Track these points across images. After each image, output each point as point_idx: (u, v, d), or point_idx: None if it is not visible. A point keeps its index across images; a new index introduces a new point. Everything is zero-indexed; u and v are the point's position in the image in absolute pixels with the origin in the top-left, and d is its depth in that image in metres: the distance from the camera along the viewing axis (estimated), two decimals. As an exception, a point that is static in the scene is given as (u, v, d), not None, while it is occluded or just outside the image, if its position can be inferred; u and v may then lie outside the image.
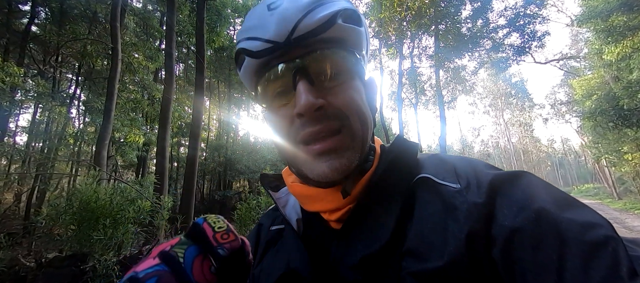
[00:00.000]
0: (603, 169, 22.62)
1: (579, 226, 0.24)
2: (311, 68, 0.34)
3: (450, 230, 0.29)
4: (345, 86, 0.36)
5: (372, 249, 0.32)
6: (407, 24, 11.70)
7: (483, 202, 0.30)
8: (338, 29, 0.34)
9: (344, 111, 0.34)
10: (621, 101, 9.28)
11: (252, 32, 0.35)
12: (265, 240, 0.45)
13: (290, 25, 0.32)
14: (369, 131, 0.38)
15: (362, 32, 0.38)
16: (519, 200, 0.28)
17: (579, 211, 0.26)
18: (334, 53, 0.35)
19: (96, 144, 6.24)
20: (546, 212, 0.26)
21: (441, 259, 0.28)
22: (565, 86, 27.98)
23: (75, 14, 10.32)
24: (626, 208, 13.29)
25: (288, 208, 0.44)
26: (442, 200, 0.32)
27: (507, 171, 0.33)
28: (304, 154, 0.35)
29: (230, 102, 19.13)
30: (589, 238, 0.23)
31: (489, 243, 0.28)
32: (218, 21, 11.87)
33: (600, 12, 9.34)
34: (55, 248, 3.67)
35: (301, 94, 0.33)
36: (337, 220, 0.37)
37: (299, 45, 0.33)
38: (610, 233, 0.24)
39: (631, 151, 13.10)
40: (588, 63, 16.78)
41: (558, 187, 0.31)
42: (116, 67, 6.37)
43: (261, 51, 0.34)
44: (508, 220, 0.27)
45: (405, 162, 0.38)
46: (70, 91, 12.00)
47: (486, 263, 0.27)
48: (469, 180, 0.33)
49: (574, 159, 51.68)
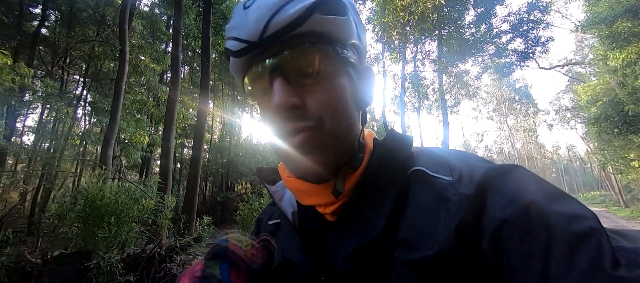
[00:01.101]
0: (609, 177, 22.28)
1: (565, 218, 0.25)
2: (286, 66, 0.33)
3: (442, 220, 0.30)
4: (323, 84, 0.34)
5: (366, 240, 0.33)
6: (410, 28, 11.76)
7: (474, 194, 0.30)
8: (315, 23, 0.32)
9: (320, 112, 0.33)
10: (626, 107, 9.19)
11: (232, 32, 0.34)
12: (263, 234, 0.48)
13: (262, 24, 0.31)
14: (352, 129, 0.37)
15: (346, 21, 0.35)
16: (510, 192, 0.29)
17: (566, 203, 0.27)
18: (311, 49, 0.33)
19: (102, 144, 6.33)
20: (535, 204, 0.27)
21: (432, 249, 0.29)
22: (570, 92, 27.77)
23: (84, 17, 10.55)
24: (633, 217, 13.05)
25: (284, 201, 0.44)
26: (434, 191, 0.33)
27: (499, 164, 0.33)
28: (287, 148, 0.35)
29: (234, 104, 19.28)
30: (574, 229, 0.24)
31: (478, 233, 0.28)
32: (224, 25, 12.02)
33: (605, 18, 9.31)
34: (60, 245, 3.71)
35: (275, 92, 0.33)
36: (332, 213, 0.37)
37: (274, 43, 0.33)
38: (595, 225, 0.25)
39: (638, 158, 12.89)
40: (593, 69, 16.66)
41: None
42: (123, 68, 6.48)
43: (239, 50, 0.34)
44: (498, 212, 0.28)
45: (398, 155, 0.39)
46: (77, 92, 12.20)
47: (475, 253, 0.28)
48: (462, 173, 0.33)
49: (579, 166, 50.98)
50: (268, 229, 0.46)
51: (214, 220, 5.48)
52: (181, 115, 11.25)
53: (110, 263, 3.00)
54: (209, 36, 8.09)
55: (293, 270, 0.37)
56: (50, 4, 10.01)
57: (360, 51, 0.40)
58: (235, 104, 19.35)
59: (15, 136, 10.48)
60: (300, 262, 0.36)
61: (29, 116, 12.43)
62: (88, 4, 10.50)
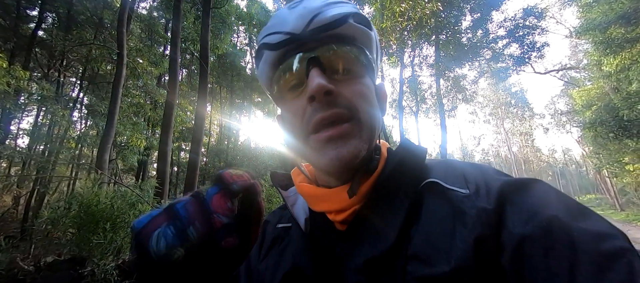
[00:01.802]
0: (605, 180, 22.50)
1: (592, 236, 0.24)
2: (324, 59, 0.36)
3: (458, 235, 0.29)
4: (355, 81, 0.37)
5: (376, 252, 0.32)
6: (408, 33, 11.87)
7: (492, 208, 0.29)
8: (350, 28, 0.37)
9: (353, 102, 0.35)
10: (621, 111, 9.31)
11: (272, 28, 0.38)
12: (271, 237, 0.46)
13: (307, 19, 0.35)
14: (377, 129, 0.38)
15: (371, 36, 0.40)
16: (530, 207, 0.28)
17: (592, 220, 0.26)
18: (346, 49, 0.37)
19: (98, 148, 6.26)
20: (558, 220, 0.25)
21: (448, 264, 0.28)
22: (565, 96, 28.12)
23: (82, 20, 10.50)
24: (629, 220, 13.16)
25: (296, 207, 0.44)
26: (450, 204, 0.32)
27: (517, 177, 0.33)
28: (313, 143, 0.35)
29: (232, 107, 19.24)
30: (603, 249, 0.23)
31: (497, 249, 0.27)
32: (222, 28, 12.08)
33: (599, 24, 9.47)
34: (54, 251, 3.64)
35: (313, 78, 0.34)
36: (342, 221, 0.37)
37: (314, 38, 0.36)
38: (626, 245, 0.23)
39: (632, 162, 13.06)
40: (587, 74, 16.92)
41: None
42: (121, 72, 6.44)
43: (280, 42, 0.37)
44: (518, 227, 0.27)
45: (412, 165, 0.38)
46: (73, 95, 12.10)
47: (494, 270, 0.27)
48: (478, 186, 0.32)
49: (575, 170, 51.44)
50: (276, 232, 0.46)
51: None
52: (179, 118, 11.19)
53: (105, 270, 2.94)
54: (207, 39, 8.07)
55: (302, 278, 0.36)
56: (47, 6, 9.96)
57: (377, 67, 0.43)
58: (233, 108, 19.31)
59: (9, 139, 10.35)
60: (309, 271, 0.35)
61: (24, 118, 12.29)
62: (86, 6, 10.46)
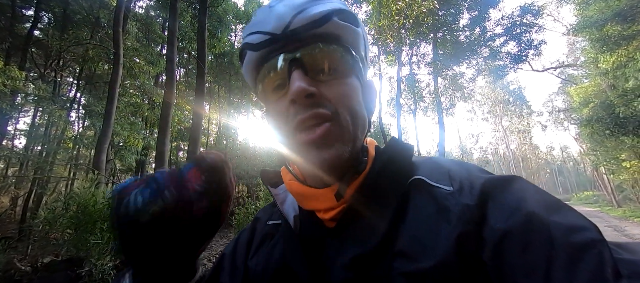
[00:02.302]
0: (602, 177, 22.63)
1: (566, 229, 0.25)
2: (305, 60, 0.35)
3: (442, 231, 0.30)
4: (339, 81, 0.36)
5: (364, 249, 0.32)
6: (406, 31, 11.87)
7: (475, 204, 0.30)
8: (334, 26, 0.35)
9: (335, 103, 0.35)
10: (617, 109, 9.36)
11: (254, 27, 0.37)
12: (261, 233, 0.46)
13: (288, 18, 0.34)
14: (361, 130, 0.38)
15: (358, 33, 0.38)
16: (511, 203, 0.29)
17: (567, 214, 0.27)
18: (329, 48, 0.36)
19: (95, 148, 6.24)
20: (536, 216, 0.27)
21: (432, 260, 0.29)
22: (562, 94, 28.23)
23: (78, 19, 10.43)
24: (626, 216, 13.25)
25: (286, 204, 0.44)
26: (435, 201, 0.33)
27: (499, 175, 0.34)
28: (296, 145, 0.35)
29: (230, 107, 19.20)
30: (575, 241, 0.24)
31: (479, 244, 0.28)
32: (219, 27, 12.04)
33: (595, 21, 9.50)
34: (51, 252, 3.64)
35: (294, 81, 0.34)
36: (331, 219, 0.37)
37: (295, 38, 0.35)
38: (596, 236, 0.25)
39: (629, 158, 13.15)
40: (584, 71, 16.99)
41: (557, 195, 0.32)
42: (117, 71, 6.42)
43: (261, 42, 0.36)
44: (499, 223, 0.28)
45: (399, 163, 0.39)
46: (70, 95, 12.04)
47: (476, 265, 0.28)
48: (462, 183, 0.33)
49: (573, 167, 51.72)
50: (266, 229, 0.46)
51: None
52: (176, 118, 11.17)
53: (102, 271, 2.95)
54: (204, 38, 8.05)
55: (291, 275, 0.37)
56: (43, 5, 9.89)
57: (364, 64, 0.42)
58: (231, 107, 19.27)
59: (6, 139, 10.29)
60: (298, 268, 0.36)
61: (21, 119, 12.23)
62: (82, 6, 10.39)
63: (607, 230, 8.72)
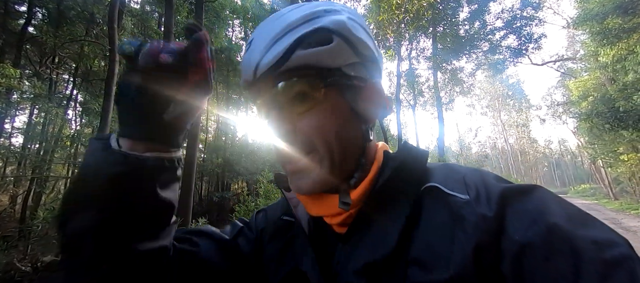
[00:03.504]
0: (599, 170, 22.81)
1: (594, 244, 0.24)
2: (278, 99, 0.36)
3: (458, 241, 0.29)
4: (313, 112, 0.36)
5: (377, 256, 0.32)
6: (405, 26, 11.76)
7: (492, 215, 0.29)
8: (298, 58, 0.34)
9: (311, 137, 0.36)
10: (617, 102, 9.37)
11: (241, 66, 0.39)
12: (273, 227, 0.48)
13: (253, 67, 0.35)
14: (347, 150, 0.37)
15: (333, 49, 0.35)
16: (531, 214, 0.28)
17: (594, 227, 0.26)
18: (295, 83, 0.35)
19: (93, 146, 6.18)
20: (559, 228, 0.26)
21: (447, 271, 0.28)
22: (561, 88, 28.25)
23: (72, 15, 10.27)
24: (622, 209, 13.40)
25: (299, 208, 0.44)
26: (449, 210, 0.32)
27: (518, 184, 0.33)
28: (287, 171, 0.39)
29: (229, 103, 19.09)
30: (605, 256, 0.23)
31: (498, 256, 0.27)
32: (216, 22, 11.88)
33: (596, 14, 9.46)
34: (51, 251, 3.63)
35: (271, 122, 0.37)
36: (340, 224, 0.38)
37: (265, 80, 0.36)
38: (628, 252, 0.23)
39: (627, 152, 13.23)
40: (584, 65, 16.96)
41: (555, 188, 0.31)
42: (114, 68, 6.34)
43: (245, 86, 0.39)
44: (519, 234, 0.27)
45: (412, 169, 0.38)
46: (67, 92, 11.92)
47: (494, 277, 0.27)
48: (479, 191, 0.32)
49: (570, 160, 52.04)
50: (280, 223, 0.48)
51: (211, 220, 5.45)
52: (175, 115, 11.07)
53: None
54: (201, 34, 7.94)
55: (303, 279, 0.37)
56: (36, 1, 9.71)
57: (364, 66, 0.39)
58: (230, 103, 19.16)
59: (3, 137, 10.21)
60: (310, 272, 0.37)
61: (17, 117, 12.12)
62: (76, 1, 10.21)
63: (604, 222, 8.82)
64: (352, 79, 0.37)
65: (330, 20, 0.35)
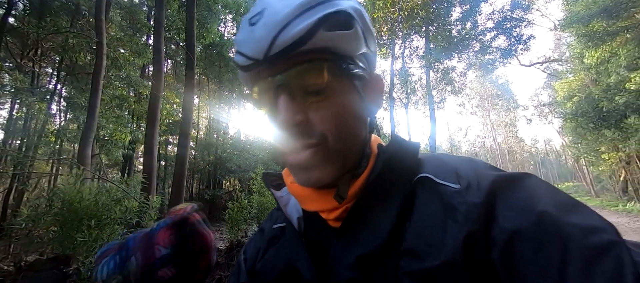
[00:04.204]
0: (582, 168, 23.70)
1: (581, 230, 0.24)
2: (291, 84, 0.33)
3: (449, 230, 0.29)
4: (328, 100, 0.34)
5: (369, 248, 0.32)
6: (399, 24, 11.84)
7: (483, 203, 0.29)
8: (320, 39, 0.32)
9: (323, 128, 0.34)
10: (600, 103, 9.73)
11: (239, 46, 0.34)
12: (267, 238, 0.46)
13: (267, 43, 0.31)
14: (357, 141, 0.37)
15: (353, 34, 0.34)
16: (521, 202, 0.28)
17: (582, 214, 0.26)
18: (316, 66, 0.33)
19: (80, 142, 5.99)
20: (548, 215, 0.26)
21: (438, 258, 0.28)
22: (548, 88, 29.11)
23: (56, 6, 9.85)
24: (603, 205, 13.99)
25: (289, 206, 0.44)
26: (441, 199, 0.32)
27: (509, 172, 0.33)
28: (288, 164, 0.37)
29: (221, 100, 18.80)
30: (592, 242, 0.23)
31: (488, 244, 0.27)
32: (208, 17, 11.63)
33: (582, 17, 9.76)
34: (35, 250, 3.50)
35: (280, 110, 0.33)
36: (335, 219, 0.37)
37: (278, 60, 0.32)
38: (614, 238, 0.24)
39: (608, 151, 13.78)
40: (570, 66, 17.52)
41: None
42: (101, 62, 6.13)
43: (246, 66, 0.34)
44: (508, 222, 0.27)
45: (403, 161, 0.38)
46: (50, 87, 11.46)
47: (484, 265, 0.27)
48: (470, 181, 0.32)
49: (555, 159, 53.87)
50: (272, 233, 0.46)
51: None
52: (165, 111, 10.85)
53: (91, 268, 2.85)
54: (193, 28, 7.78)
55: (297, 277, 0.36)
56: (17, -10, 9.26)
57: (369, 58, 0.39)
58: (222, 100, 18.87)
59: (-19, 133, 9.75)
60: (304, 270, 0.36)
61: (-3, 112, 11.59)
62: (60, -9, 9.80)
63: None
64: (361, 69, 0.37)
65: (348, 4, 0.34)
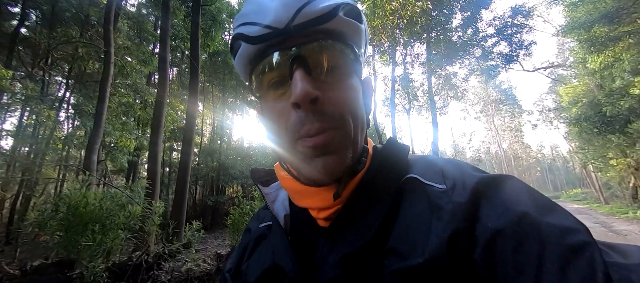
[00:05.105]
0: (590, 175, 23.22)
1: (558, 231, 0.25)
2: (310, 58, 0.32)
3: (434, 229, 0.30)
4: (342, 83, 0.34)
5: (354, 247, 0.32)
6: (400, 31, 11.96)
7: (467, 203, 0.30)
8: (339, 22, 0.33)
9: (339, 109, 0.33)
10: (604, 108, 9.61)
11: (250, 18, 0.33)
12: (254, 237, 0.46)
13: (292, 11, 0.31)
14: (362, 132, 0.37)
15: (362, 30, 0.37)
16: (503, 202, 0.29)
17: (559, 215, 0.27)
18: (334, 46, 0.34)
19: (86, 149, 6.12)
20: (528, 215, 0.27)
21: (422, 257, 0.28)
22: (552, 94, 28.84)
23: (67, 17, 10.20)
24: (613, 212, 13.60)
25: (277, 203, 0.44)
26: (427, 199, 0.32)
27: (492, 174, 0.34)
28: (300, 148, 0.33)
29: (224, 106, 19.02)
30: (567, 243, 0.24)
31: (471, 243, 0.28)
32: (213, 26, 11.90)
33: (583, 23, 9.74)
34: (40, 255, 3.56)
35: (297, 82, 0.31)
36: (325, 218, 0.37)
37: (299, 33, 0.32)
38: (588, 239, 0.25)
39: (616, 156, 13.50)
40: (573, 72, 17.40)
41: (547, 192, 0.32)
42: (108, 70, 6.30)
43: (259, 36, 0.33)
44: (492, 221, 0.28)
45: (394, 163, 0.38)
46: (59, 94, 11.75)
47: (467, 263, 0.27)
48: (455, 181, 0.33)
49: (562, 165, 52.91)
50: (259, 232, 0.45)
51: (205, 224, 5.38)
52: (170, 118, 11.01)
53: (94, 273, 2.90)
54: (197, 37, 7.97)
55: (281, 275, 0.36)
56: (30, 3, 9.62)
57: (363, 62, 0.41)
58: (225, 106, 19.10)
59: (-8, 140, 9.99)
60: (288, 267, 0.35)
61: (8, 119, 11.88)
62: (71, 3, 10.16)
63: (595, 226, 8.95)
64: (361, 66, 0.39)
65: (356, 5, 0.36)
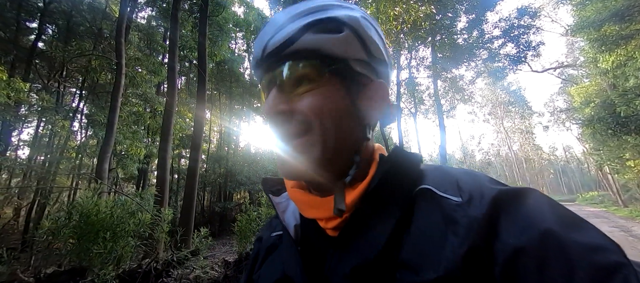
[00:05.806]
0: (607, 177, 22.41)
1: (587, 250, 0.24)
2: (279, 79, 0.37)
3: (449, 243, 0.29)
4: (312, 93, 0.36)
5: (365, 259, 0.31)
6: (404, 36, 11.96)
7: (485, 218, 0.29)
8: (308, 41, 0.35)
9: (308, 115, 0.35)
10: (618, 108, 9.32)
11: (254, 45, 0.40)
12: (265, 247, 0.46)
13: (262, 45, 0.37)
14: (345, 140, 0.36)
15: (343, 39, 0.36)
16: (524, 217, 0.27)
17: (587, 232, 0.25)
18: (302, 63, 0.36)
19: (98, 157, 6.29)
20: (553, 233, 0.25)
21: (436, 272, 0.27)
22: (563, 94, 28.17)
23: (81, 31, 10.63)
24: (632, 216, 13.05)
25: (287, 213, 0.43)
26: (441, 212, 0.31)
27: (512, 187, 0.32)
28: (282, 152, 0.37)
29: (231, 113, 19.30)
30: (598, 263, 0.23)
31: (490, 260, 0.27)
32: (220, 36, 12.19)
33: (593, 22, 9.54)
34: (54, 262, 3.64)
35: (268, 100, 0.37)
36: (333, 228, 0.36)
37: (272, 59, 0.37)
38: (621, 259, 0.23)
39: (633, 157, 13.02)
40: (585, 71, 16.99)
41: (562, 195, 0.30)
42: (120, 81, 6.51)
43: (253, 65, 0.40)
44: (512, 238, 0.26)
45: (404, 172, 0.37)
46: (73, 105, 12.17)
47: (485, 280, 0.26)
48: (472, 194, 0.32)
49: (576, 167, 51.25)
50: (271, 241, 0.46)
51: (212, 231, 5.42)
52: (178, 125, 11.24)
53: (105, 280, 2.95)
54: (205, 46, 8.17)
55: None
56: (47, 18, 10.09)
57: (372, 65, 0.39)
58: (232, 113, 19.37)
59: (10, 150, 10.39)
60: (297, 279, 0.35)
61: (25, 129, 12.35)
62: (85, 17, 10.60)
63: (613, 230, 8.61)
64: (357, 74, 0.38)
65: (343, 13, 0.36)
